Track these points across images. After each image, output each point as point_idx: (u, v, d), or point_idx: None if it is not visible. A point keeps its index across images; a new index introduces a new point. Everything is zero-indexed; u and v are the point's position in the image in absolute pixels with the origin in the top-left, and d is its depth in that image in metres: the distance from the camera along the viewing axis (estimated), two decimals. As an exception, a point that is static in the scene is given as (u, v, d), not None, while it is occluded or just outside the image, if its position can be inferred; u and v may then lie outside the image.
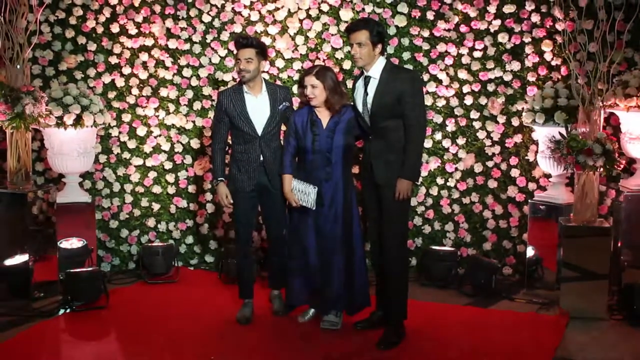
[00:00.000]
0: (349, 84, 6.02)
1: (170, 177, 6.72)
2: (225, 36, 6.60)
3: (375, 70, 4.77)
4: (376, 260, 4.99)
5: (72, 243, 6.05)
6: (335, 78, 4.95)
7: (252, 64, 4.97)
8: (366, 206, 5.02)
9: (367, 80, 4.79)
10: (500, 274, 6.21)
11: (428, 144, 6.44)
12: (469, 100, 6.43)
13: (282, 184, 5.03)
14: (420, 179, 6.27)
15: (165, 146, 6.69)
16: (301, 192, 4.91)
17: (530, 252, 6.02)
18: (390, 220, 4.80)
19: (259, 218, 5.74)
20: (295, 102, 5.49)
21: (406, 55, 6.49)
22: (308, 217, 5.01)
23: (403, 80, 4.72)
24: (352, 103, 4.95)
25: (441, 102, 6.49)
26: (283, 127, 5.29)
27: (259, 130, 5.07)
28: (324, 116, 4.94)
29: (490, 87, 6.40)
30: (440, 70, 6.46)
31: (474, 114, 6.47)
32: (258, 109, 5.09)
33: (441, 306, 5.59)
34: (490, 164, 6.48)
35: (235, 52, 5.08)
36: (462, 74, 6.43)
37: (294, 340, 4.87)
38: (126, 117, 6.63)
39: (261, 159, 5.10)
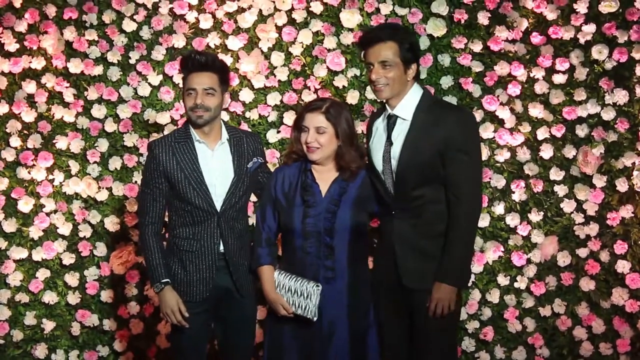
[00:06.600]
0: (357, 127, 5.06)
1: (71, 278, 5.45)
2: (159, 53, 5.46)
3: (407, 106, 4.03)
4: None
5: None
6: (352, 121, 4.24)
7: (214, 97, 4.14)
8: (383, 327, 4.24)
9: (391, 121, 4.06)
10: None
11: (483, 222, 5.27)
12: (547, 152, 5.30)
13: (258, 284, 4.27)
14: (471, 281, 5.27)
15: (64, 228, 5.43)
16: (296, 294, 4.07)
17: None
18: (427, 348, 4.00)
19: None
20: (271, 156, 4.97)
21: (446, 82, 5.32)
22: (296, 344, 4.06)
23: (449, 124, 4.00)
24: (366, 160, 4.26)
25: (503, 155, 5.35)
26: (253, 198, 4.59)
27: (218, 204, 4.21)
28: (324, 179, 4.17)
29: (581, 131, 5.27)
30: (501, 104, 5.29)
31: (555, 174, 5.24)
32: (216, 168, 4.24)
33: None
34: (582, 253, 5.24)
35: (184, 77, 4.25)
36: (536, 111, 5.32)
37: None
38: (1, 183, 5.48)
39: (221, 248, 4.22)
